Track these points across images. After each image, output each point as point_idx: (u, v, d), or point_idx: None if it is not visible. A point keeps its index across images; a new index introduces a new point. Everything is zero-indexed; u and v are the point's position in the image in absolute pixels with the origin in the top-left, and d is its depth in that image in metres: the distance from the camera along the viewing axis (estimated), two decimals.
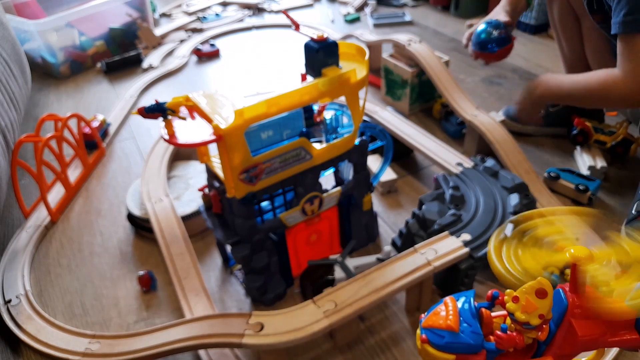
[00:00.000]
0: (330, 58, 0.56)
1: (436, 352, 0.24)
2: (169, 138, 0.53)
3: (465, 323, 0.24)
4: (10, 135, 0.86)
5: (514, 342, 0.24)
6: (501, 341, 0.24)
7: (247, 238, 0.60)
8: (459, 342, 0.23)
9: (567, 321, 0.24)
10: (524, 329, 0.24)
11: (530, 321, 0.23)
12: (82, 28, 1.40)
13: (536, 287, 0.23)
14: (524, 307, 0.23)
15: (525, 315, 0.23)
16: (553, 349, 0.25)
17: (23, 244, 0.77)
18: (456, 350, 0.23)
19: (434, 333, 0.24)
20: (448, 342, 0.23)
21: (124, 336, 0.57)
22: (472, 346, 0.24)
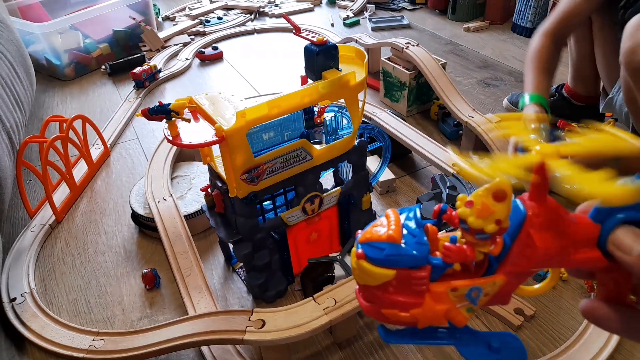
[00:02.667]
0: (330, 61, 0.57)
1: (373, 268, 0.19)
2: (173, 139, 0.54)
3: (410, 235, 0.20)
4: (15, 136, 0.87)
5: (464, 254, 0.20)
6: (449, 253, 0.20)
7: (249, 237, 0.62)
8: (401, 254, 0.19)
9: (525, 232, 0.20)
10: (477, 241, 0.20)
11: (485, 227, 0.19)
12: (86, 31, 1.42)
13: (493, 189, 0.19)
14: (479, 211, 0.19)
15: (479, 221, 0.19)
16: (506, 265, 0.21)
17: (28, 243, 0.78)
18: (397, 264, 0.19)
19: (372, 247, 0.20)
20: (388, 255, 0.19)
21: (127, 333, 0.59)
22: (416, 258, 0.20)
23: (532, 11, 1.45)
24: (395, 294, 0.20)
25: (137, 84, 1.25)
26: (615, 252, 0.19)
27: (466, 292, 0.21)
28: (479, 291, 0.21)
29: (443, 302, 0.20)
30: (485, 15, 1.62)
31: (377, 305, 0.21)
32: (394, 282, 0.20)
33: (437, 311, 0.20)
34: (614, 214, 0.20)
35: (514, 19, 1.51)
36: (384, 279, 0.20)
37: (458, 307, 0.21)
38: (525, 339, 0.60)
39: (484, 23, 1.57)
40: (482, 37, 1.51)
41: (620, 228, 0.20)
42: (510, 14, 1.58)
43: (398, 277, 0.20)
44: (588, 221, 0.21)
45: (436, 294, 0.20)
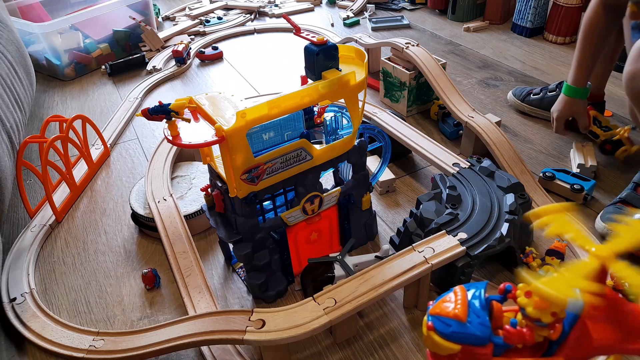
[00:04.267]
0: (330, 61, 0.57)
1: (442, 341, 0.23)
2: (173, 139, 0.54)
3: (474, 314, 0.23)
4: (15, 136, 0.87)
5: (523, 338, 0.23)
6: (509, 336, 0.23)
7: (249, 236, 0.62)
8: (466, 333, 0.22)
9: (582, 322, 0.22)
10: (535, 326, 0.23)
11: (542, 318, 0.22)
12: (86, 31, 1.42)
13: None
14: (537, 302, 0.22)
15: (537, 312, 0.22)
16: (565, 350, 0.23)
17: (28, 243, 0.78)
18: (462, 341, 0.22)
19: (441, 321, 0.23)
20: (454, 332, 0.22)
21: (128, 333, 0.59)
22: (479, 338, 0.22)
23: (532, 11, 1.45)
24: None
25: (177, 60, 1.39)
26: None
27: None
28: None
29: None
30: (485, 15, 1.62)
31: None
32: (460, 355, 0.23)
33: None
34: None
35: (514, 19, 1.51)
36: (450, 352, 0.23)
37: None
38: None
39: (484, 23, 1.57)
40: (482, 37, 1.51)
41: None
42: (510, 14, 1.58)
43: (463, 351, 0.22)
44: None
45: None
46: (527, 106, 1.07)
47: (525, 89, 1.09)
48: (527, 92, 1.07)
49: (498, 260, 0.70)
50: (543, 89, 1.05)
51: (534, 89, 1.07)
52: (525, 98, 1.07)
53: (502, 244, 0.62)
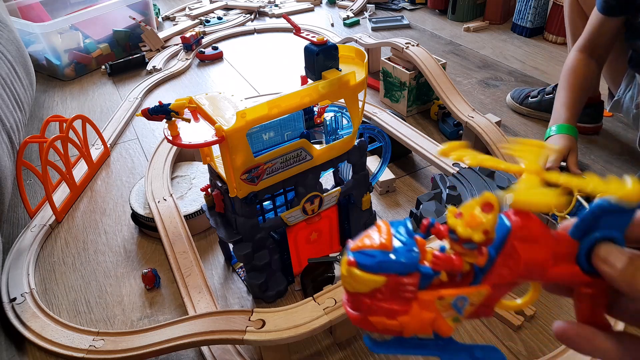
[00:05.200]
0: (330, 61, 0.57)
1: (364, 275, 0.20)
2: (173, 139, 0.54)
3: (400, 242, 0.21)
4: (15, 136, 0.87)
5: (451, 263, 0.21)
6: (438, 261, 0.21)
7: (249, 236, 0.62)
8: (392, 261, 0.20)
9: (509, 244, 0.21)
10: (465, 251, 0.21)
11: (473, 237, 0.20)
12: (86, 31, 1.42)
13: (481, 201, 0.20)
14: (468, 222, 0.20)
15: (468, 231, 0.20)
16: (491, 276, 0.22)
17: (28, 243, 0.78)
18: (387, 270, 0.20)
19: (364, 254, 0.20)
20: (380, 261, 0.20)
21: (128, 333, 0.59)
22: (406, 264, 0.20)
23: (532, 11, 1.45)
24: (383, 301, 0.21)
25: (185, 47, 1.46)
26: (600, 266, 0.20)
27: (453, 301, 0.21)
28: (464, 300, 0.21)
29: (430, 311, 0.21)
30: (485, 15, 1.62)
31: (364, 313, 0.21)
32: (383, 289, 0.20)
33: (424, 319, 0.21)
34: (592, 232, 0.21)
35: (514, 19, 1.51)
36: (374, 285, 0.20)
37: (444, 316, 0.21)
38: (525, 339, 0.60)
39: (484, 23, 1.57)
40: (482, 37, 1.51)
41: (604, 244, 0.21)
42: (510, 14, 1.58)
43: (387, 284, 0.20)
44: (568, 237, 0.22)
45: (423, 302, 0.21)
46: (526, 109, 1.07)
47: (524, 90, 1.09)
48: (525, 94, 1.08)
49: None
50: (540, 91, 1.06)
51: (532, 91, 1.07)
52: (524, 101, 1.08)
53: None
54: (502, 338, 0.60)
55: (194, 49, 1.47)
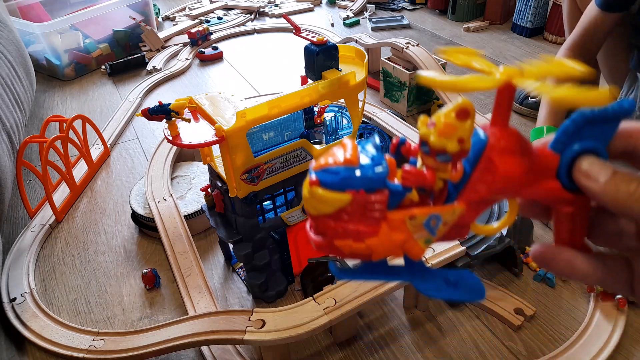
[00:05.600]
0: (330, 61, 0.57)
1: (327, 193, 0.18)
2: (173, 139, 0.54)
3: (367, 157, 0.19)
4: (15, 136, 0.87)
5: (423, 177, 0.19)
6: (409, 176, 0.19)
7: (249, 236, 0.62)
8: (357, 177, 0.18)
9: (486, 158, 0.19)
10: (438, 164, 0.19)
11: (447, 146, 0.18)
12: (86, 31, 1.42)
13: (456, 108, 0.18)
14: (441, 130, 0.18)
15: (442, 140, 0.18)
16: (466, 193, 0.20)
17: (28, 243, 0.78)
18: (353, 186, 0.18)
19: (328, 172, 0.18)
20: (344, 177, 0.18)
21: (128, 333, 0.59)
22: (373, 180, 0.18)
23: (532, 11, 1.45)
24: (349, 222, 0.19)
25: (191, 42, 1.48)
26: (582, 180, 0.19)
27: (425, 221, 0.19)
28: (437, 220, 0.19)
29: (400, 232, 0.19)
30: (485, 15, 1.62)
31: (329, 237, 0.19)
32: (349, 209, 0.18)
33: (394, 241, 0.19)
34: (572, 144, 0.19)
35: (514, 19, 1.51)
36: (339, 204, 0.18)
37: (415, 237, 0.19)
38: (525, 339, 0.60)
39: (484, 23, 1.57)
40: (482, 37, 1.51)
41: (586, 157, 0.19)
42: (510, 14, 1.58)
43: (353, 203, 0.18)
44: (547, 151, 0.20)
45: (393, 222, 0.19)
46: (526, 109, 1.07)
47: (523, 91, 1.10)
48: (525, 94, 1.08)
49: (498, 260, 0.70)
50: None
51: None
52: (524, 101, 1.08)
53: (502, 244, 0.62)
54: (502, 338, 0.60)
55: (200, 44, 1.50)
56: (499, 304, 0.63)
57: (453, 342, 0.60)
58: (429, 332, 0.62)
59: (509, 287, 0.67)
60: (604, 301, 0.61)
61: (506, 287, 0.66)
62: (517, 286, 0.67)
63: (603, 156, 0.19)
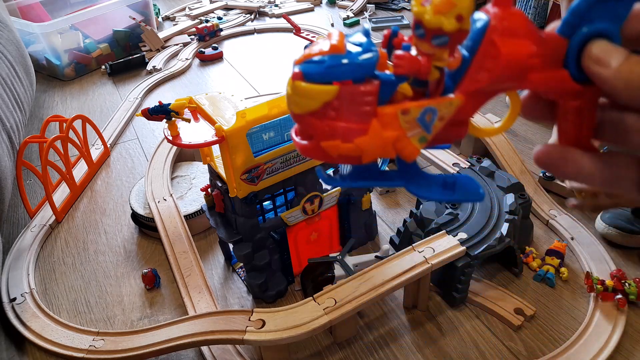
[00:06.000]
0: None
1: (311, 86, 0.16)
2: (173, 139, 0.54)
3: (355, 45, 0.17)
4: (15, 136, 0.87)
5: (417, 63, 0.17)
6: (401, 62, 0.17)
7: (249, 236, 0.62)
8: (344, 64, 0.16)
9: (488, 40, 0.17)
10: (434, 49, 0.16)
11: (444, 25, 0.15)
12: (86, 31, 1.42)
13: None
14: (438, 6, 0.16)
15: (437, 17, 0.15)
16: (465, 82, 0.17)
17: (28, 243, 0.78)
18: (339, 76, 0.16)
19: (312, 62, 0.16)
20: (329, 66, 0.16)
21: (128, 333, 0.59)
22: (362, 66, 0.16)
23: (532, 11, 1.45)
24: (336, 119, 0.17)
25: (199, 37, 1.49)
26: (592, 66, 0.17)
27: (419, 115, 0.17)
28: (433, 113, 0.17)
29: (392, 128, 0.17)
30: None
31: (316, 139, 0.17)
32: (336, 103, 0.16)
33: (385, 138, 0.17)
34: (582, 27, 0.17)
35: None
36: (325, 97, 0.16)
37: (409, 135, 0.17)
38: (525, 339, 0.60)
39: None
40: None
41: (597, 41, 0.17)
42: None
43: (341, 95, 0.16)
44: (555, 35, 0.18)
45: (385, 117, 0.17)
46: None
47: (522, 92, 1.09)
48: None
49: (498, 260, 0.70)
50: None
51: None
52: None
53: (502, 244, 0.62)
54: (502, 338, 0.60)
55: (207, 40, 1.50)
56: (499, 304, 0.63)
57: (453, 342, 0.60)
58: (429, 332, 0.62)
59: (509, 287, 0.67)
60: (604, 301, 0.61)
61: (506, 287, 0.66)
62: (517, 286, 0.67)
63: (616, 40, 0.17)
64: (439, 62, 0.17)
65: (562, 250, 0.70)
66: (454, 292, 0.63)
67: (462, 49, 0.18)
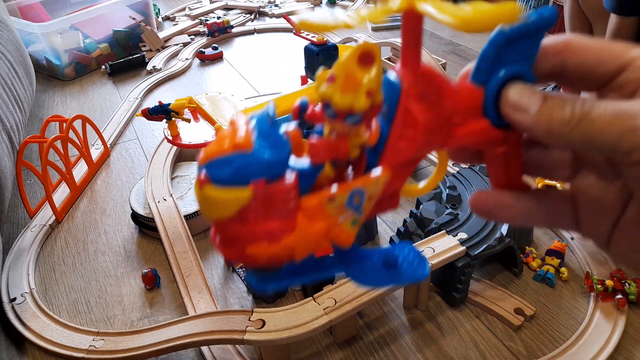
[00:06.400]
0: (330, 61, 0.57)
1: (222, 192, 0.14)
2: (173, 139, 0.54)
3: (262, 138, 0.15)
4: (15, 136, 0.87)
5: (334, 148, 0.16)
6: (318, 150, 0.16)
7: None
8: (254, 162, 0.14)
9: (403, 108, 0.16)
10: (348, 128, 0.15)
11: (355, 104, 0.14)
12: (86, 31, 1.42)
13: (357, 53, 0.15)
14: (344, 84, 0.14)
15: (347, 97, 0.14)
16: (387, 155, 0.16)
17: (28, 243, 0.78)
18: (250, 176, 0.14)
19: (217, 164, 0.14)
20: (238, 167, 0.14)
21: (127, 333, 0.59)
22: (273, 163, 0.15)
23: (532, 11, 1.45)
24: (258, 221, 0.15)
25: (208, 33, 1.53)
26: (511, 115, 0.16)
27: (346, 200, 0.16)
28: (361, 195, 0.16)
29: (321, 219, 0.16)
30: None
31: (239, 245, 0.15)
32: (253, 206, 0.15)
33: (316, 232, 0.16)
34: (496, 72, 0.17)
35: None
36: (239, 203, 0.14)
37: (340, 221, 0.16)
38: (525, 339, 0.60)
39: None
40: (482, 37, 1.51)
41: (513, 86, 0.16)
42: None
43: (256, 197, 0.15)
44: (469, 86, 0.17)
45: (310, 210, 0.15)
46: None
47: None
48: None
49: (498, 260, 0.70)
50: None
51: None
52: None
53: (502, 244, 0.62)
54: (502, 338, 0.60)
55: (216, 35, 1.53)
56: (499, 304, 0.63)
57: (453, 342, 0.60)
58: (429, 332, 0.62)
59: (509, 287, 0.67)
60: (604, 301, 0.61)
61: (506, 287, 0.66)
62: (517, 286, 0.67)
63: (530, 80, 0.17)
64: (356, 140, 0.16)
65: (562, 250, 0.70)
66: (454, 292, 0.63)
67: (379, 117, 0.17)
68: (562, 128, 0.15)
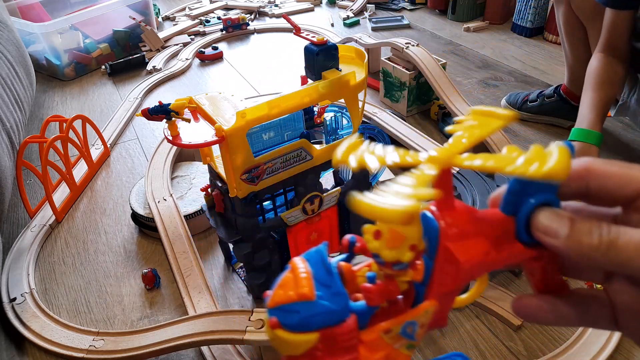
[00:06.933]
0: (330, 61, 0.57)
1: (291, 336, 0.17)
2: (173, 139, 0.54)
3: (323, 286, 0.18)
4: (15, 136, 0.87)
5: (386, 292, 0.18)
6: (371, 295, 0.18)
7: (249, 236, 0.62)
8: (320, 312, 0.17)
9: (443, 248, 0.18)
10: (396, 272, 0.18)
11: (401, 257, 0.17)
12: (86, 31, 1.42)
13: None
14: (389, 241, 0.17)
15: (393, 252, 0.17)
16: (433, 289, 0.19)
17: (28, 243, 0.78)
18: (317, 325, 0.17)
19: (285, 311, 0.17)
20: (305, 317, 0.17)
21: (127, 333, 0.59)
22: (336, 312, 0.17)
23: (532, 11, 1.45)
24: (325, 357, 0.17)
25: (222, 29, 1.57)
26: (543, 239, 0.18)
27: (400, 330, 0.18)
28: (413, 325, 0.19)
29: (379, 349, 0.18)
30: (485, 15, 1.62)
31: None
32: (320, 345, 0.17)
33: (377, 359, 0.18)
34: (524, 202, 0.19)
35: (514, 19, 1.51)
36: (307, 346, 0.17)
37: (397, 347, 0.19)
38: (525, 339, 0.60)
39: (484, 23, 1.57)
40: (482, 37, 1.51)
41: (541, 212, 0.18)
42: (510, 14, 1.58)
43: (323, 339, 0.17)
44: (501, 215, 0.19)
45: (370, 343, 0.18)
46: (526, 114, 1.05)
47: (520, 95, 1.08)
48: (523, 99, 1.06)
49: None
50: (539, 95, 1.04)
51: (530, 95, 1.06)
52: (523, 106, 1.06)
53: None
54: (502, 338, 0.60)
55: (230, 31, 1.57)
56: (499, 304, 0.63)
57: (453, 342, 0.60)
58: (429, 332, 0.62)
59: (509, 287, 0.67)
60: None
61: (506, 287, 0.66)
62: (517, 286, 0.67)
63: (556, 204, 0.19)
64: (404, 278, 0.18)
65: None
66: None
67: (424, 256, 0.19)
68: (593, 253, 0.17)
